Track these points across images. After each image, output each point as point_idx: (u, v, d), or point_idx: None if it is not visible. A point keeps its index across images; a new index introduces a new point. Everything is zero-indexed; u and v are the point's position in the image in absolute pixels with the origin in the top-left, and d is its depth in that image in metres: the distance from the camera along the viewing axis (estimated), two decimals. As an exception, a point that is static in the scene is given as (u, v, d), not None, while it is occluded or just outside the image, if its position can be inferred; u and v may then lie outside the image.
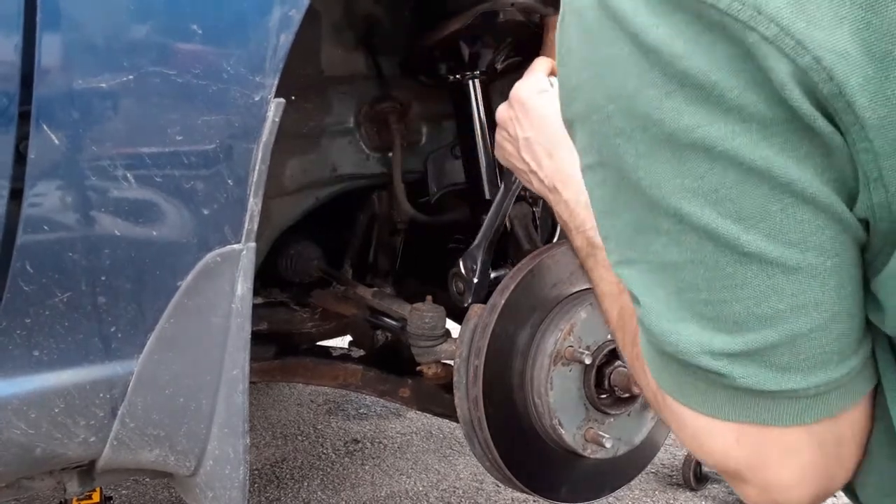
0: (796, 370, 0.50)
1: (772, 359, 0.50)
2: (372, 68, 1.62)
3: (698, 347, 0.52)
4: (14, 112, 0.86)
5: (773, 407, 0.52)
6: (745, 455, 0.54)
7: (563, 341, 1.27)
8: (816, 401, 0.51)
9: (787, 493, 0.55)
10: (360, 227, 1.78)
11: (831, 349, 0.50)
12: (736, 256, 0.48)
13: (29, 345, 0.93)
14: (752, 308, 0.49)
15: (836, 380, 0.51)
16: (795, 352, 0.50)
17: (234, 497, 1.08)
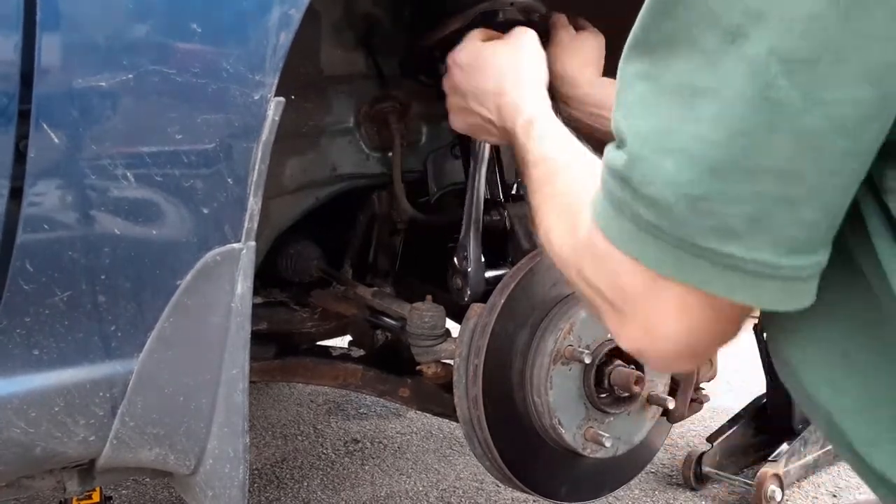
0: (746, 238, 0.50)
1: (728, 218, 0.50)
2: (372, 68, 1.62)
3: (664, 184, 0.52)
4: (14, 111, 0.86)
5: (709, 271, 0.52)
6: (650, 300, 0.57)
7: (562, 340, 1.27)
8: (753, 281, 0.51)
9: (663, 341, 0.58)
10: (360, 226, 1.78)
11: (790, 233, 0.50)
12: (758, 100, 0.48)
13: (29, 344, 0.93)
14: (740, 159, 0.49)
15: (781, 268, 0.51)
16: (756, 215, 0.50)
17: (234, 496, 1.08)
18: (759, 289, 0.52)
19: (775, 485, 2.27)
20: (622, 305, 0.60)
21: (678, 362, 0.62)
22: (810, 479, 2.54)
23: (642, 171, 0.54)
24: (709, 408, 1.82)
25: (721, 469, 2.44)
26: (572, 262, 0.66)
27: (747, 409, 2.63)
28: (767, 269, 0.51)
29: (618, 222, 0.57)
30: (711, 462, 2.43)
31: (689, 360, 0.61)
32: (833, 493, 2.47)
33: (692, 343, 0.58)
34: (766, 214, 0.50)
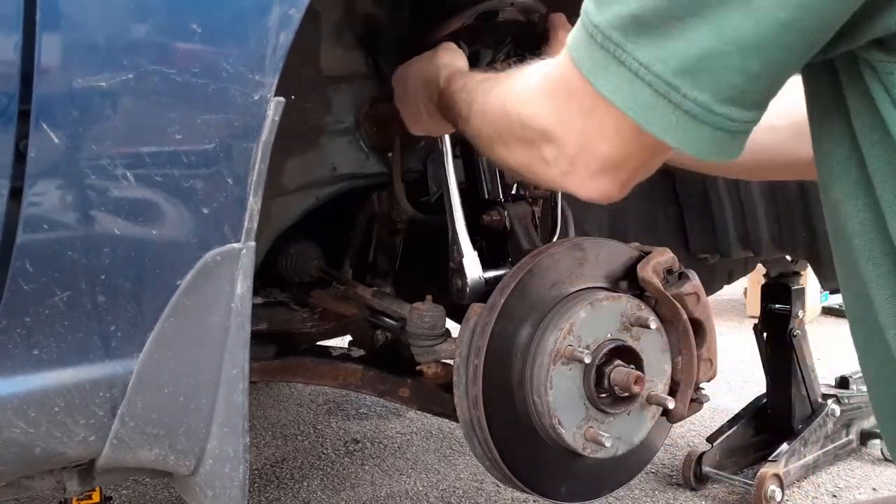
0: (690, 75, 0.55)
1: (679, 51, 0.55)
2: (372, 68, 1.62)
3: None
4: (14, 111, 0.86)
5: (652, 102, 0.57)
6: (592, 124, 0.63)
7: (562, 340, 1.27)
8: (689, 122, 0.56)
9: (591, 160, 0.65)
10: (359, 226, 1.78)
11: (732, 80, 0.54)
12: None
13: (29, 344, 0.93)
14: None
15: (715, 114, 0.55)
16: (704, 55, 0.54)
17: (234, 496, 1.08)
18: (689, 132, 0.56)
19: (775, 485, 2.27)
20: (563, 131, 0.66)
21: (595, 181, 0.67)
22: (810, 479, 2.54)
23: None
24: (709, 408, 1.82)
25: (721, 469, 2.44)
26: (508, 107, 0.75)
27: (747, 409, 2.64)
28: (703, 112, 0.55)
29: (589, 50, 0.61)
30: (711, 462, 2.43)
31: (604, 181, 0.67)
32: (833, 493, 2.47)
33: (614, 164, 0.65)
34: (718, 52, 0.53)
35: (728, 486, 2.46)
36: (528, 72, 0.79)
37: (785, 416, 2.52)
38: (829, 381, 2.78)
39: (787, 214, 2.17)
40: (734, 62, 0.53)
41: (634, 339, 1.31)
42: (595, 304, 1.28)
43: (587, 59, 0.62)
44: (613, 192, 0.69)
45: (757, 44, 0.53)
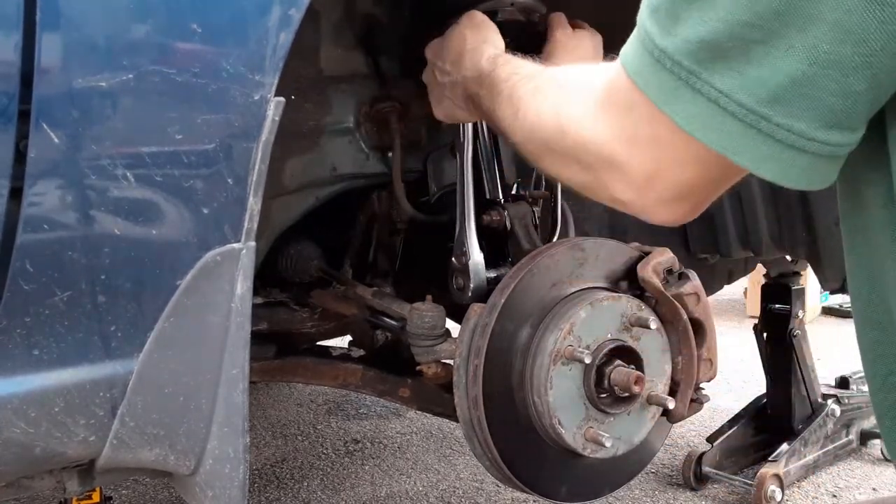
0: (784, 103, 0.50)
1: (772, 77, 0.50)
2: (372, 68, 1.62)
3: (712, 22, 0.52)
4: (14, 111, 0.86)
5: (739, 133, 0.53)
6: (668, 151, 0.58)
7: (562, 340, 1.27)
8: (782, 152, 0.51)
9: (662, 190, 0.61)
10: (359, 226, 1.78)
11: (831, 104, 0.49)
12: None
13: (29, 344, 0.93)
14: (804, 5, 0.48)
15: (812, 141, 0.51)
16: (800, 80, 0.49)
17: (234, 496, 1.08)
18: (785, 163, 0.51)
19: (775, 485, 2.27)
20: (631, 158, 0.61)
21: (668, 206, 0.63)
22: (810, 480, 2.54)
23: (683, 11, 0.53)
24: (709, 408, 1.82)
25: (721, 469, 2.44)
26: (565, 126, 0.69)
27: (747, 409, 2.64)
28: (800, 140, 0.50)
29: (657, 76, 0.56)
30: (711, 462, 2.43)
31: (677, 206, 0.63)
32: (833, 494, 2.47)
33: (690, 191, 0.60)
34: (814, 76, 0.48)
35: (728, 487, 2.46)
36: (581, 83, 0.73)
37: (785, 416, 2.52)
38: (829, 381, 2.78)
39: (787, 214, 2.17)
40: (834, 85, 0.48)
41: (634, 340, 1.31)
42: (595, 304, 1.28)
43: (655, 85, 0.57)
44: (687, 214, 0.64)
45: (863, 62, 0.47)
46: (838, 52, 0.47)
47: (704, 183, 0.60)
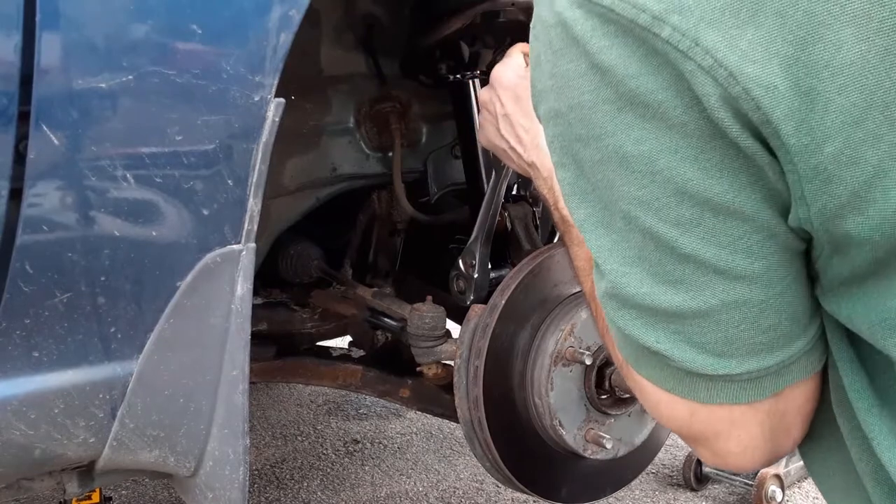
0: (730, 356, 0.56)
1: (708, 346, 0.56)
2: (372, 68, 1.62)
3: (642, 328, 0.58)
4: (14, 112, 0.86)
5: (713, 387, 0.57)
6: (698, 426, 0.61)
7: (563, 342, 1.26)
8: (752, 384, 0.57)
9: (736, 459, 0.62)
10: (360, 227, 1.78)
11: (759, 341, 0.55)
12: (675, 256, 0.53)
13: (28, 345, 0.93)
14: (689, 301, 0.54)
15: (769, 367, 0.56)
16: (728, 341, 0.55)
17: (234, 498, 1.08)
18: (758, 387, 0.57)
19: (776, 485, 2.27)
20: (681, 434, 0.63)
21: (767, 465, 0.65)
22: (811, 480, 2.53)
23: (621, 327, 0.59)
24: (709, 408, 1.81)
25: (721, 469, 2.44)
26: (619, 370, 0.71)
27: (748, 410, 2.63)
28: (759, 372, 0.56)
29: (636, 353, 0.61)
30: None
31: (775, 460, 0.63)
32: (833, 494, 2.47)
33: (764, 450, 0.61)
34: (735, 335, 0.55)
35: (728, 487, 2.45)
36: None
37: (785, 416, 2.52)
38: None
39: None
40: (751, 331, 0.55)
41: (635, 340, 1.31)
42: None
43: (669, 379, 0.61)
44: (779, 454, 0.64)
45: (752, 319, 0.54)
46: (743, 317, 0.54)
47: (762, 433, 0.61)
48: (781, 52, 0.45)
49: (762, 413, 0.58)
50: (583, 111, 0.53)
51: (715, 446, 0.61)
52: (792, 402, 0.59)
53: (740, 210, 0.51)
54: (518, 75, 1.17)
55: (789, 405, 0.59)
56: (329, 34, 1.55)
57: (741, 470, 0.65)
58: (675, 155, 0.50)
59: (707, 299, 0.54)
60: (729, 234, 0.52)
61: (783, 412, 0.59)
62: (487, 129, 1.20)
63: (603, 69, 0.51)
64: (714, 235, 0.52)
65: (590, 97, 0.52)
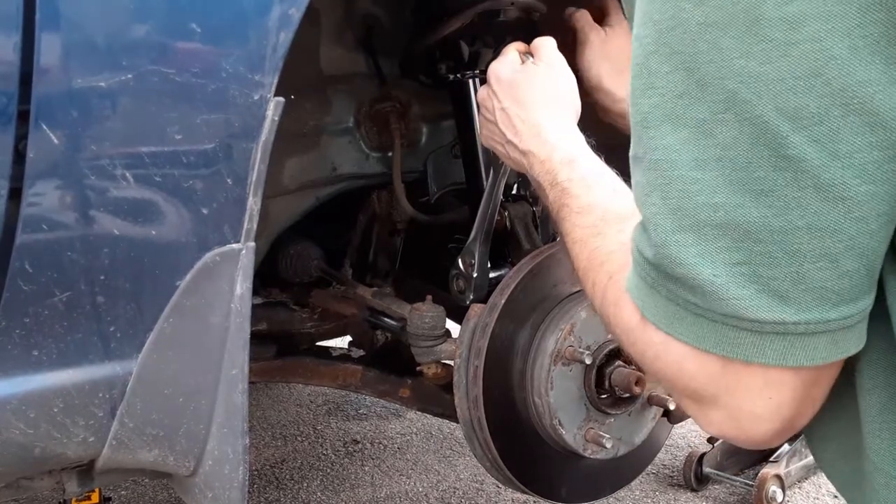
0: (793, 301, 0.49)
1: (770, 281, 0.49)
2: (372, 68, 1.62)
3: (701, 260, 0.50)
4: (13, 111, 0.86)
5: (758, 342, 0.50)
6: (724, 385, 0.54)
7: (563, 341, 1.26)
8: (803, 342, 0.50)
9: (756, 423, 0.55)
10: (359, 227, 1.78)
11: (833, 286, 0.48)
12: (773, 159, 0.46)
13: (28, 344, 0.93)
14: (770, 219, 0.47)
15: (829, 322, 0.49)
16: (797, 279, 0.48)
17: (234, 497, 1.08)
18: (810, 348, 0.50)
19: (776, 485, 2.27)
20: (698, 395, 0.56)
21: (775, 440, 0.57)
22: (811, 480, 2.53)
23: (670, 256, 0.52)
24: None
25: (722, 470, 2.44)
26: (627, 342, 0.63)
27: (748, 410, 2.63)
28: (817, 326, 0.49)
29: (657, 302, 0.55)
30: (712, 463, 2.43)
31: (786, 435, 0.57)
32: (834, 495, 2.47)
33: (786, 418, 0.55)
34: (808, 272, 0.48)
35: (729, 487, 2.45)
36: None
37: (785, 416, 2.51)
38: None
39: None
40: (828, 272, 0.48)
41: (635, 340, 1.31)
42: None
43: (690, 329, 0.54)
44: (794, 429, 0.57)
45: (844, 247, 0.47)
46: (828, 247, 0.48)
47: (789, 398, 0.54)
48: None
49: (797, 378, 0.52)
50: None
51: (739, 405, 0.54)
52: (827, 372, 0.53)
53: (876, 112, 0.44)
54: (513, 70, 1.18)
55: (824, 373, 0.53)
56: (329, 34, 1.55)
57: (749, 439, 0.57)
58: (825, 24, 0.43)
59: (794, 219, 0.47)
60: (850, 141, 0.45)
61: (815, 381, 0.53)
62: (485, 126, 1.19)
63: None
64: (832, 139, 0.45)
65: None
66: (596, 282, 0.71)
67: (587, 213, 0.86)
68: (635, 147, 0.55)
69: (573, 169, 0.98)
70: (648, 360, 0.60)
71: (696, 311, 0.52)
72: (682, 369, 0.56)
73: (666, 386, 0.62)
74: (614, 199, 0.87)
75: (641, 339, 0.59)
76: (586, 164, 1.00)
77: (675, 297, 0.53)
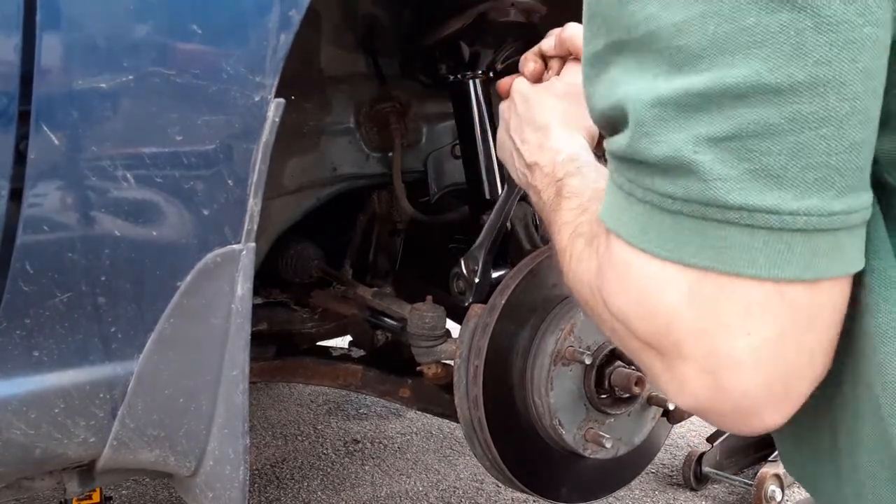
0: (789, 184, 0.41)
1: (764, 157, 0.41)
2: (372, 68, 1.62)
3: (682, 134, 0.43)
4: (14, 112, 0.86)
5: (746, 243, 0.42)
6: (694, 315, 0.44)
7: (563, 341, 1.27)
8: (802, 242, 0.41)
9: (735, 372, 0.44)
10: (360, 227, 1.78)
11: (836, 163, 0.41)
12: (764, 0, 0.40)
13: (29, 345, 0.93)
14: (764, 74, 0.40)
15: (833, 215, 0.41)
16: (796, 151, 0.41)
17: (235, 497, 1.08)
18: (809, 253, 0.41)
19: (775, 485, 2.27)
20: (663, 341, 0.46)
21: (767, 410, 0.45)
22: (810, 480, 2.53)
23: (648, 133, 0.44)
24: (709, 408, 1.82)
25: (721, 469, 2.44)
26: (595, 288, 0.53)
27: (747, 409, 2.63)
28: (819, 221, 0.41)
29: (631, 212, 0.47)
30: (711, 462, 2.43)
31: (782, 402, 0.45)
32: (833, 494, 2.47)
33: (771, 366, 0.43)
34: (809, 141, 0.40)
35: (728, 487, 2.46)
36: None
37: (785, 416, 2.51)
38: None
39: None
40: (833, 141, 0.41)
41: (635, 340, 1.31)
42: None
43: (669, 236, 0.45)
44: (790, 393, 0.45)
45: (850, 107, 0.41)
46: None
47: (781, 345, 0.44)
48: None
49: (788, 305, 0.42)
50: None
51: (711, 348, 0.44)
52: (827, 303, 0.43)
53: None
54: (533, 86, 1.11)
55: (823, 308, 0.43)
56: (329, 34, 1.56)
57: (729, 400, 0.45)
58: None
59: (794, 72, 0.40)
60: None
61: (811, 319, 0.43)
62: (499, 135, 1.13)
63: None
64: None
65: None
66: (572, 252, 0.62)
67: (575, 196, 0.79)
68: (614, 33, 0.48)
69: (573, 164, 0.97)
70: (612, 301, 0.50)
71: (673, 206, 0.44)
72: (646, 302, 0.46)
73: (630, 345, 0.51)
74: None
75: (605, 275, 0.50)
76: (588, 163, 0.97)
77: (650, 194, 0.45)
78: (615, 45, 0.48)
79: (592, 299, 0.55)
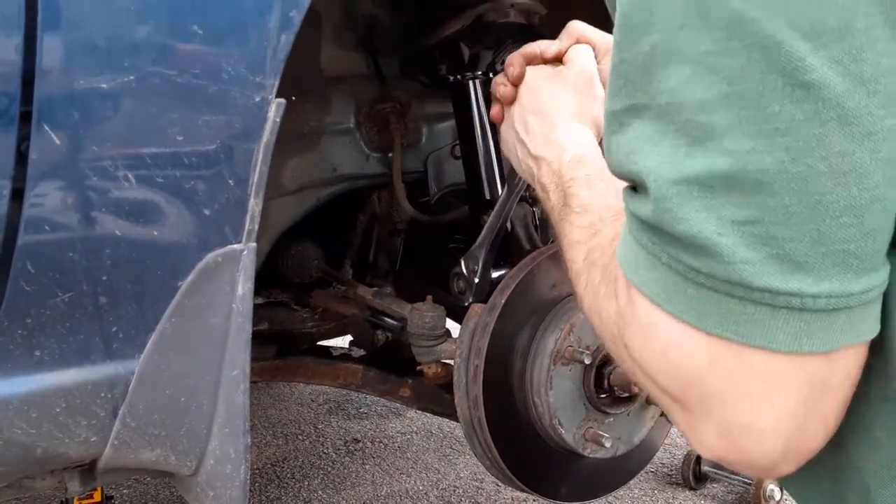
0: (810, 268, 0.42)
1: (786, 242, 0.42)
2: (372, 68, 1.63)
3: (704, 215, 0.43)
4: (15, 112, 0.86)
5: (768, 321, 0.43)
6: (717, 382, 0.45)
7: (562, 341, 1.27)
8: (820, 321, 0.43)
9: (757, 439, 0.46)
10: (360, 227, 1.79)
11: (855, 249, 0.42)
12: (789, 88, 0.40)
13: (30, 345, 0.93)
14: (787, 164, 0.41)
15: (851, 296, 0.42)
16: (817, 240, 0.41)
17: (235, 496, 1.08)
18: (827, 330, 0.43)
19: (774, 484, 2.27)
20: (685, 395, 0.47)
21: (781, 466, 0.47)
22: (810, 479, 2.53)
23: (670, 211, 0.45)
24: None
25: (720, 468, 2.44)
26: (617, 334, 0.54)
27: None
28: (838, 301, 0.43)
29: (655, 272, 0.47)
30: (711, 461, 2.44)
31: (795, 460, 0.47)
32: (833, 493, 2.47)
33: (789, 435, 0.45)
34: (830, 229, 0.41)
35: (727, 485, 2.46)
36: None
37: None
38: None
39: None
40: (851, 229, 0.42)
41: (634, 340, 1.31)
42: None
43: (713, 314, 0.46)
44: (801, 451, 0.47)
45: (869, 196, 0.41)
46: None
47: (798, 406, 0.46)
48: None
49: (807, 376, 0.44)
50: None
51: (727, 413, 0.45)
52: (843, 369, 0.45)
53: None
54: (543, 76, 1.11)
55: (837, 373, 0.45)
56: (329, 35, 1.56)
57: (747, 461, 0.47)
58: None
59: (815, 162, 0.40)
60: (877, 64, 0.39)
61: (826, 386, 0.45)
62: (504, 130, 1.13)
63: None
64: (856, 59, 0.39)
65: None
66: (588, 281, 0.64)
67: (586, 212, 0.80)
68: (636, 96, 0.48)
69: (580, 168, 0.95)
70: (635, 351, 0.51)
71: (697, 279, 0.45)
72: (669, 360, 0.48)
73: (652, 390, 0.52)
74: (617, 199, 0.82)
75: (628, 326, 0.51)
76: (594, 164, 0.96)
77: (675, 262, 0.46)
78: (636, 108, 0.49)
79: (613, 344, 0.56)
